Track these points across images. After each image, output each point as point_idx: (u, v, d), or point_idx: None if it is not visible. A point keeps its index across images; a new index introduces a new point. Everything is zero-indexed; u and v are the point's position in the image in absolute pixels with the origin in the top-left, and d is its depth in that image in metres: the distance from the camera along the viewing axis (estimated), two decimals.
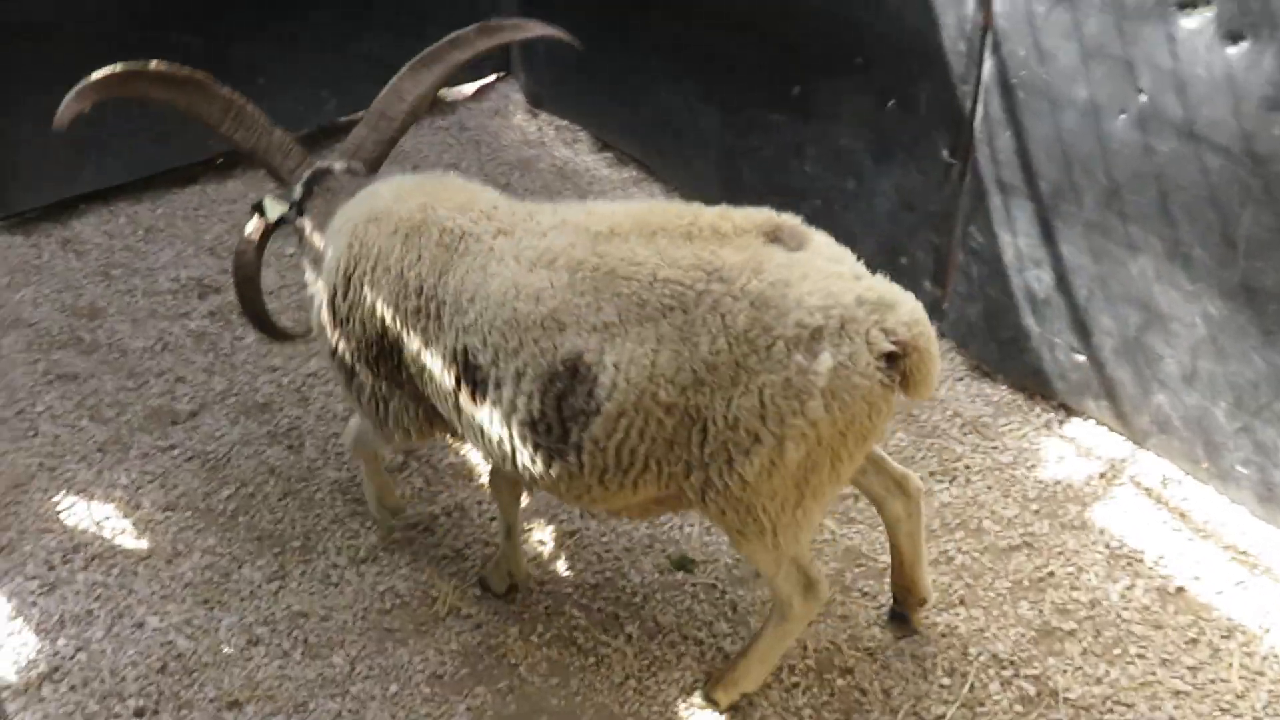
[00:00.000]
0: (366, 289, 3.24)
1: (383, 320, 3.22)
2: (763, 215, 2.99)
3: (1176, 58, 3.58)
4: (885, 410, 2.86)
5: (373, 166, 3.72)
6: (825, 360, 2.75)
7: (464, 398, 3.09)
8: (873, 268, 4.09)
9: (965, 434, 4.30)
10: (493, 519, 3.97)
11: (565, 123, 6.30)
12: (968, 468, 4.15)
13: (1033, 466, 4.14)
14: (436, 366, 3.13)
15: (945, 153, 4.41)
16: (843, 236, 4.80)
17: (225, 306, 4.96)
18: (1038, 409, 4.39)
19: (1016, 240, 4.24)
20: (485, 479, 4.11)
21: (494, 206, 3.23)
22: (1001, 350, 4.46)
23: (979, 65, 4.18)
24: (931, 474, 4.12)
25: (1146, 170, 3.76)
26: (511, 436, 3.01)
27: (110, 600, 3.68)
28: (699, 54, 5.29)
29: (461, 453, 4.24)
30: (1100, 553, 3.79)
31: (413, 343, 3.17)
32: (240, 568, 3.81)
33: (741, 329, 2.78)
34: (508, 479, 3.50)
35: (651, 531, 3.92)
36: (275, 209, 3.65)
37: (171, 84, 3.60)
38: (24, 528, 3.94)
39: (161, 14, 5.43)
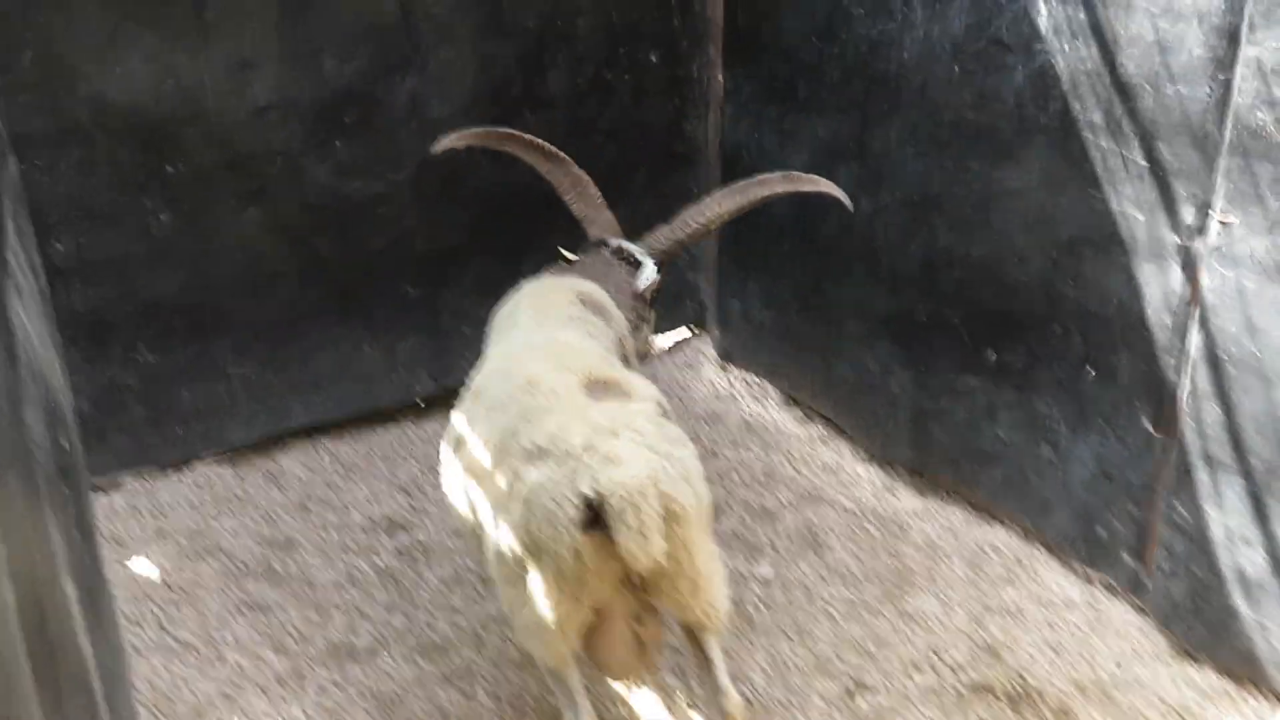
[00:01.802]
0: None
1: None
2: (615, 372, 3.55)
3: None
4: (575, 551, 3.07)
5: (666, 259, 4.61)
6: (531, 475, 3.15)
7: None
8: (1068, 536, 4.03)
9: None
10: None
11: (755, 378, 6.36)
12: None
13: None
14: None
15: (1148, 424, 4.27)
16: (1038, 504, 4.74)
17: (413, 545, 5.06)
18: (1249, 697, 4.05)
19: (1225, 517, 4.02)
20: None
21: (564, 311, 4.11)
22: (1209, 632, 4.17)
23: (1184, 338, 4.08)
24: None
25: None
26: None
27: None
28: (894, 315, 5.32)
29: (630, 705, 4.14)
30: None
31: None
32: None
33: (510, 429, 3.32)
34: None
35: None
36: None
37: (539, 152, 4.68)
38: None
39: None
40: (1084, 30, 4.24)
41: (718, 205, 4.60)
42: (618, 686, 4.23)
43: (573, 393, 3.35)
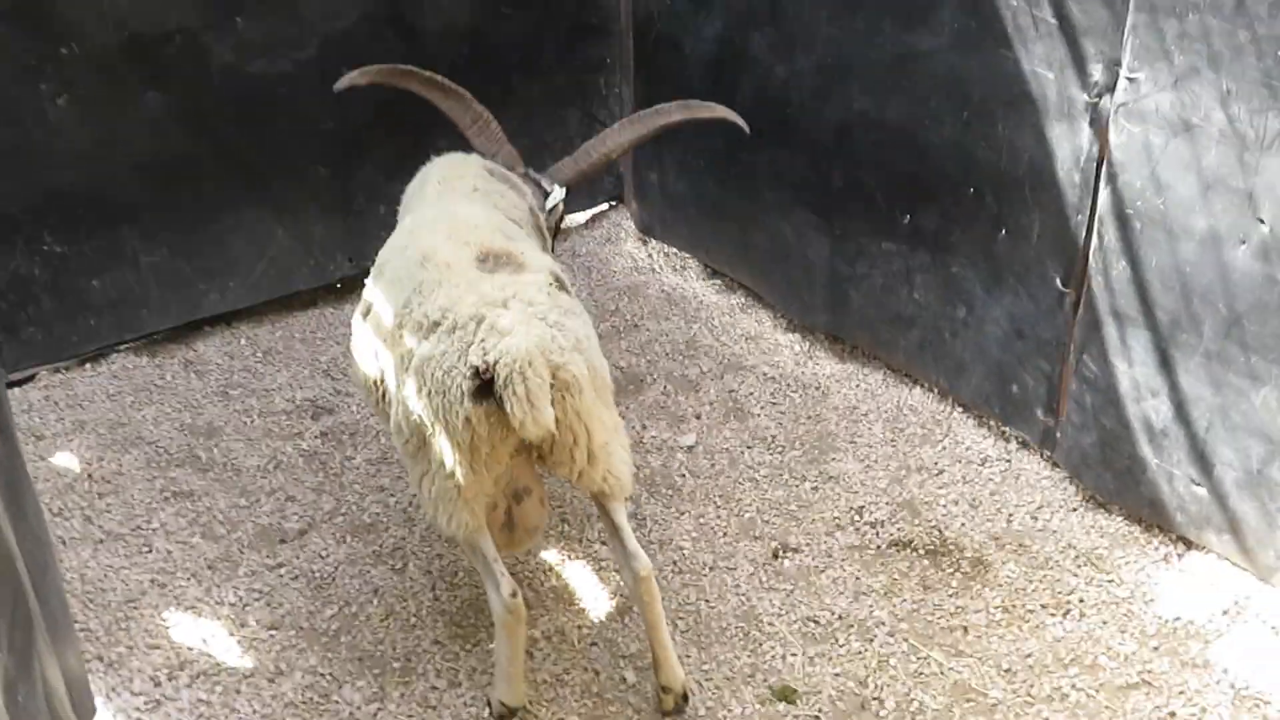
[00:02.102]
0: None
1: None
2: (498, 244, 3.57)
3: None
4: (469, 420, 3.16)
5: (570, 187, 4.63)
6: (424, 347, 3.26)
7: None
8: (983, 395, 4.20)
9: (1079, 566, 4.16)
10: (593, 644, 3.93)
11: (675, 250, 6.37)
12: (1082, 601, 4.00)
13: (1151, 601, 3.98)
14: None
15: (1058, 281, 4.36)
16: (953, 363, 4.85)
17: (337, 427, 5.06)
18: (1156, 542, 4.24)
19: (1132, 370, 4.15)
20: (586, 603, 4.09)
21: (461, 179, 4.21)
22: (1117, 481, 4.33)
23: (1094, 195, 4.15)
24: (1044, 607, 3.98)
25: (1269, 301, 3.66)
26: None
27: (213, 719, 3.69)
28: (809, 183, 5.34)
29: (563, 577, 4.22)
30: (1225, 693, 3.60)
31: None
32: (341, 688, 3.80)
33: (402, 302, 3.42)
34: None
35: (753, 661, 3.84)
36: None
37: (438, 88, 4.61)
38: (133, 643, 3.99)
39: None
40: None
41: (617, 136, 4.67)
42: (549, 557, 4.31)
43: (465, 265, 3.43)
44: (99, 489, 4.71)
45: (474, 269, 3.43)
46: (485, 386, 3.12)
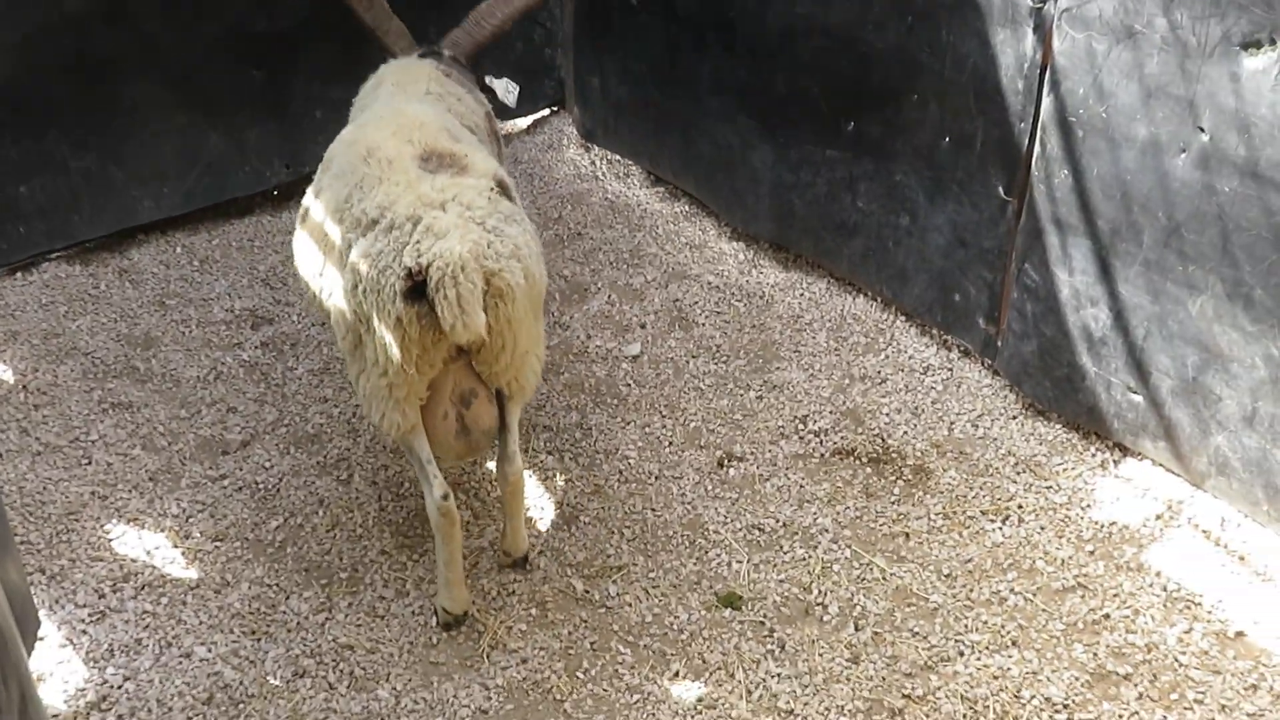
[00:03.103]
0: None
1: None
2: (446, 145, 3.53)
3: (1240, 97, 3.53)
4: (402, 322, 3.17)
5: (468, 60, 4.56)
6: (361, 243, 3.25)
7: None
8: (926, 303, 4.24)
9: (1018, 473, 4.24)
10: (541, 553, 3.96)
11: (618, 157, 6.31)
12: (1020, 507, 4.09)
13: (1087, 507, 4.07)
14: None
15: (1001, 190, 4.38)
16: (896, 272, 4.87)
17: (278, 337, 5.00)
18: (1093, 449, 4.32)
19: (1073, 279, 4.19)
20: (532, 513, 4.11)
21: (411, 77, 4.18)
22: (1056, 389, 4.40)
23: (1037, 103, 4.15)
24: (983, 513, 4.06)
25: (1207, 210, 3.70)
26: None
27: (159, 630, 3.69)
28: (752, 90, 5.29)
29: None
30: (1157, 595, 3.71)
31: None
32: (288, 599, 3.81)
33: (342, 198, 3.40)
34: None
35: (699, 569, 3.89)
36: None
37: None
38: (75, 556, 3.96)
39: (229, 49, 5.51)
40: None
41: (506, 5, 4.61)
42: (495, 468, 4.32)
43: (406, 164, 3.41)
44: (35, 400, 4.64)
45: (416, 168, 3.40)
46: (418, 288, 3.13)
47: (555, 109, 6.73)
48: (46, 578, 3.86)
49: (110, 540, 4.02)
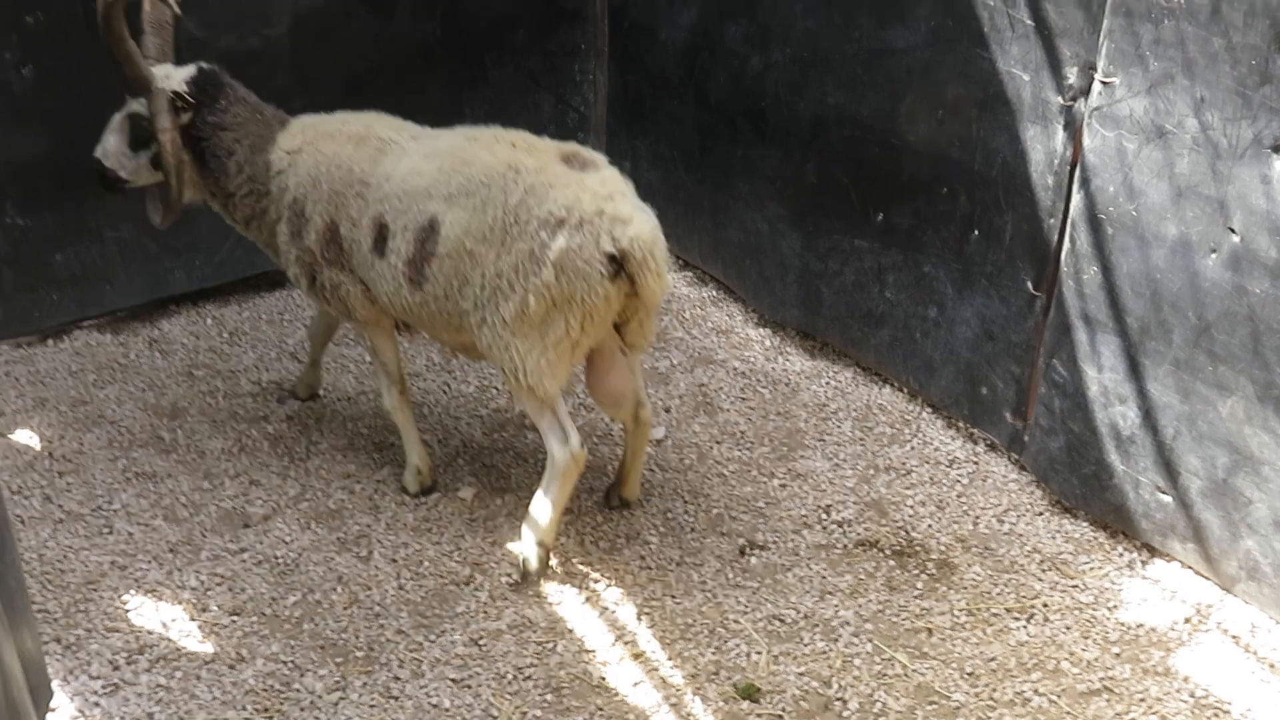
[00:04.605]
0: (325, 185, 4.22)
1: (332, 207, 4.23)
2: (568, 145, 4.06)
3: (1271, 199, 3.53)
4: (605, 297, 3.83)
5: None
6: (560, 240, 3.77)
7: (375, 256, 4.15)
8: (952, 396, 4.26)
9: (1044, 571, 4.19)
10: (558, 636, 3.92)
11: None
12: (1046, 606, 4.03)
13: (1114, 608, 4.01)
14: (363, 234, 4.17)
15: (1029, 284, 4.38)
16: (923, 363, 4.86)
17: (303, 411, 5.01)
18: (1120, 548, 4.27)
19: (1101, 375, 4.17)
20: (538, 582, 4.09)
21: (416, 127, 4.35)
22: (1083, 486, 4.35)
23: (1066, 199, 4.16)
24: (1008, 611, 4.01)
25: (1238, 310, 3.69)
26: (398, 272, 4.08)
27: (171, 705, 3.66)
28: (783, 177, 5.33)
29: (516, 563, 4.19)
30: (1185, 701, 3.64)
31: (349, 218, 4.20)
32: (302, 676, 3.78)
33: (512, 205, 3.84)
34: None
35: (718, 658, 3.84)
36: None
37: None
38: (92, 625, 3.95)
39: None
40: None
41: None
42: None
43: (558, 169, 3.91)
44: (59, 468, 4.65)
45: (566, 169, 3.91)
46: (617, 268, 3.77)
47: None
48: (62, 647, 3.84)
49: (127, 611, 4.01)
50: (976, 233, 4.55)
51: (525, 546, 4.18)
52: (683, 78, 5.69)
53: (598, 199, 3.81)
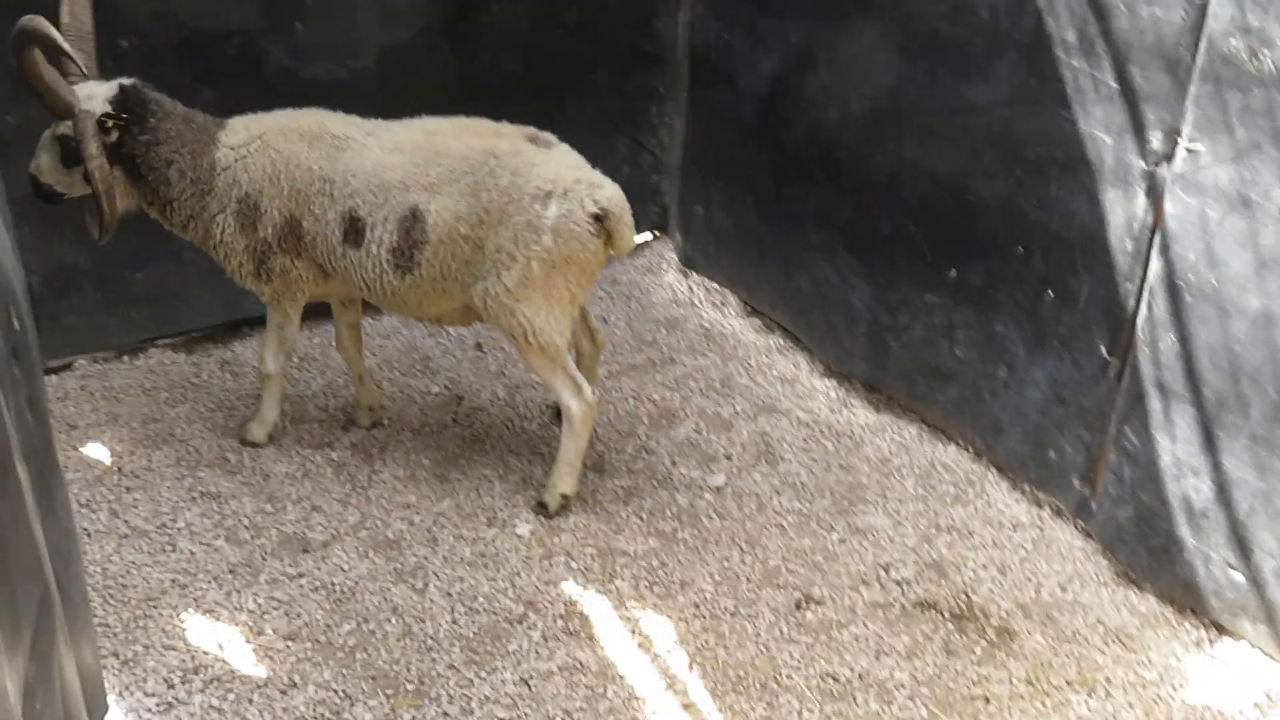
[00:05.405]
0: (284, 183, 4.49)
1: (292, 203, 4.51)
2: (525, 128, 4.54)
3: None
4: (594, 252, 4.41)
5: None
6: (553, 209, 4.31)
7: (348, 247, 4.49)
8: (1019, 458, 4.19)
9: (1108, 644, 4.10)
10: (603, 688, 3.90)
11: (715, 286, 6.34)
12: (1108, 680, 3.95)
13: (1179, 686, 3.92)
14: (331, 227, 4.49)
15: (1104, 349, 4.31)
16: (990, 423, 4.81)
17: (367, 440, 5.05)
18: (1188, 625, 4.18)
19: (1175, 446, 4.09)
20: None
21: (362, 121, 4.64)
22: (1152, 558, 4.27)
23: (1145, 265, 4.10)
24: (1069, 683, 3.93)
25: None
26: (380, 260, 4.44)
27: None
28: (855, 228, 5.31)
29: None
30: None
31: (313, 214, 4.50)
32: (352, 706, 3.79)
33: (504, 187, 4.32)
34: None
35: (768, 714, 3.79)
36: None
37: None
38: (150, 642, 3.99)
39: None
40: None
41: (70, 5, 4.30)
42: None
43: (528, 148, 4.42)
44: (128, 483, 4.72)
45: (535, 148, 4.42)
46: (599, 226, 4.34)
47: (657, 234, 6.80)
48: (119, 662, 3.89)
49: (185, 630, 4.05)
50: (1051, 294, 4.50)
51: (549, 493, 4.65)
52: (760, 125, 5.70)
53: (572, 169, 4.40)
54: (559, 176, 4.34)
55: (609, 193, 4.39)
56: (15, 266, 3.07)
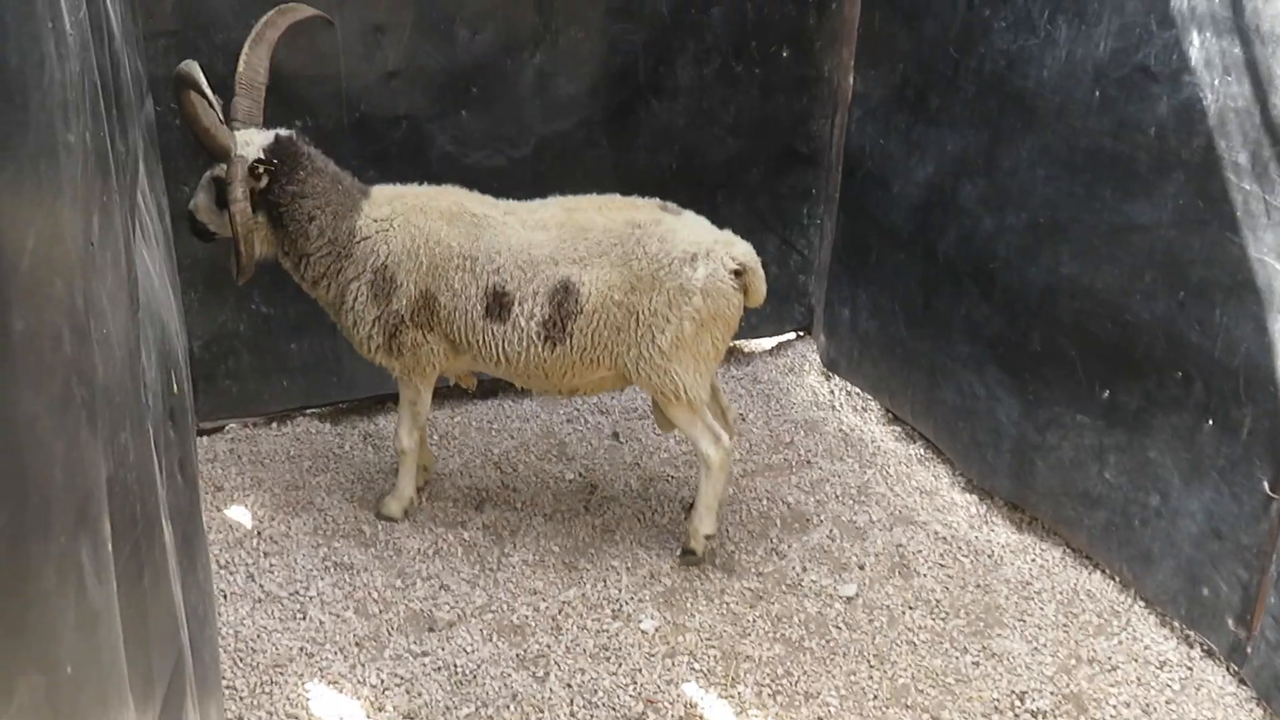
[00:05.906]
0: (423, 258, 4.63)
1: (430, 278, 4.65)
2: (653, 200, 4.78)
3: None
4: (737, 306, 4.69)
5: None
6: (700, 270, 4.56)
7: (490, 321, 4.65)
8: (1169, 592, 3.98)
9: None
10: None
11: (857, 390, 6.27)
12: None
13: None
14: (472, 302, 4.64)
15: (1266, 485, 4.11)
16: (1139, 553, 4.61)
17: (499, 521, 5.08)
18: None
19: None
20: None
21: (497, 201, 4.85)
22: None
23: None
24: None
25: None
26: (529, 334, 4.61)
27: None
28: (1006, 342, 5.20)
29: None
30: None
31: (451, 289, 4.64)
32: None
33: (653, 254, 4.55)
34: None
35: None
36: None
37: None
38: (274, 709, 4.03)
39: None
40: (1236, 65, 4.08)
41: (259, 59, 4.53)
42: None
43: (663, 216, 4.66)
44: (265, 548, 4.82)
45: (671, 216, 4.68)
46: (739, 281, 4.63)
47: (801, 334, 6.77)
48: None
49: (308, 699, 4.08)
50: (1211, 423, 4.32)
51: (693, 539, 4.86)
52: (912, 232, 5.65)
53: (708, 232, 4.69)
54: (700, 239, 4.60)
55: (743, 249, 4.66)
56: (180, 332, 3.18)
